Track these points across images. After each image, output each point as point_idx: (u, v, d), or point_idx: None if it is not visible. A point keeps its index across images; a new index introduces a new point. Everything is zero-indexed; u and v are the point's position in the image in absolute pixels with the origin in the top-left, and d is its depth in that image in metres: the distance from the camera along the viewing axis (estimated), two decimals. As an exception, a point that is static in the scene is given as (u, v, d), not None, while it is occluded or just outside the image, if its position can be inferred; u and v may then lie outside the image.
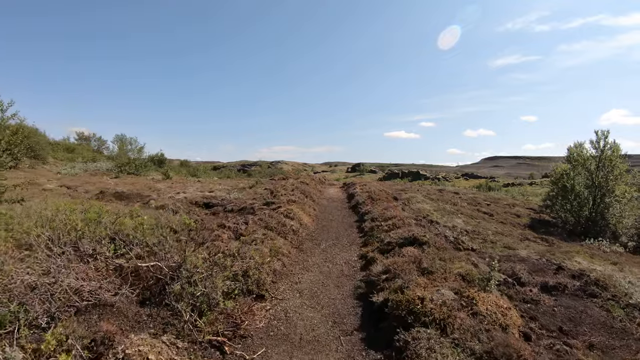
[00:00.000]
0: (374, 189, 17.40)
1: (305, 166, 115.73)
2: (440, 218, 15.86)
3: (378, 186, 19.29)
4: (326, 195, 18.45)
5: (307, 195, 15.28)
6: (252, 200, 14.67)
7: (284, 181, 21.14)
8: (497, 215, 19.30)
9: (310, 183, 18.43)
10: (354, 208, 14.34)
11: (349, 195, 17.70)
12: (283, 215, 11.00)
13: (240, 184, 19.31)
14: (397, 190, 21.75)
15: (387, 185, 24.17)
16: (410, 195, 19.24)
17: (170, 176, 22.98)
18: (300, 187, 16.49)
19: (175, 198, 16.32)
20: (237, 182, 20.95)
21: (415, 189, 22.79)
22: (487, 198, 24.09)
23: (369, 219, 11.22)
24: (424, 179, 75.91)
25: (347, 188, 20.54)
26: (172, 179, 22.62)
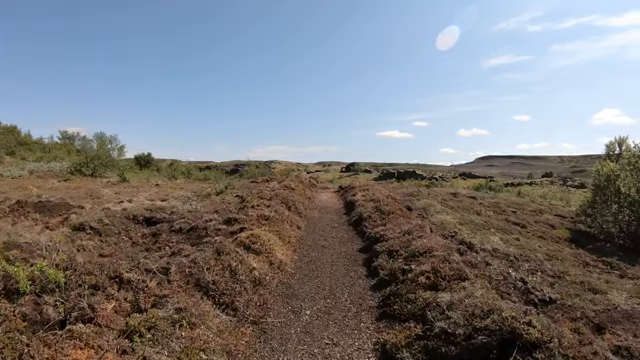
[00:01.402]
0: (379, 196, 12.96)
1: (299, 166, 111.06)
2: (472, 236, 11.40)
3: (383, 191, 14.85)
4: (317, 203, 13.91)
5: (289, 207, 10.70)
6: (212, 215, 10.05)
7: (266, 184, 16.60)
8: (530, 227, 14.98)
9: (296, 188, 13.81)
10: (355, 225, 9.79)
11: (348, 203, 13.16)
12: (243, 246, 6.42)
13: (208, 189, 14.63)
14: (404, 195, 17.23)
15: (390, 188, 19.64)
16: (425, 202, 14.74)
17: (127, 179, 18.23)
18: (282, 193, 11.87)
19: (111, 210, 11.64)
20: (207, 185, 16.26)
21: (425, 193, 18.28)
22: (510, 203, 19.59)
23: (385, 252, 6.62)
24: (420, 179, 71.66)
25: (344, 193, 15.97)
26: (129, 182, 17.93)
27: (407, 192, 18.19)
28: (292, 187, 13.58)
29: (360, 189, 14.66)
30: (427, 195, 17.80)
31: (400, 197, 16.07)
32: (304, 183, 16.65)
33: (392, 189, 19.67)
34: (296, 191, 13.35)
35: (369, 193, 13.36)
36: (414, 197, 16.52)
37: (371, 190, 14.12)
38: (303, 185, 15.50)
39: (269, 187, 13.87)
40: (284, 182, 15.47)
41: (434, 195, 18.13)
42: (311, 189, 17.22)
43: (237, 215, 8.96)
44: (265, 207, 9.66)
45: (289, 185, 13.78)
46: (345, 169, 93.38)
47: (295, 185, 14.02)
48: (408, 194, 17.67)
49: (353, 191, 14.85)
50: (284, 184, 14.24)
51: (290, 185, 13.71)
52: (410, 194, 17.82)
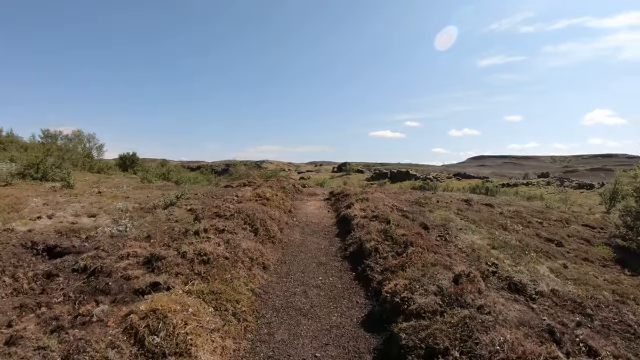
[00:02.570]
0: (383, 208, 9.55)
1: (291, 166, 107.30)
2: (516, 267, 8.19)
3: (386, 200, 11.45)
4: (302, 217, 10.39)
5: (256, 229, 7.12)
6: (136, 247, 6.44)
7: (241, 190, 13.06)
8: (567, 244, 11.84)
9: (273, 198, 10.18)
10: (354, 261, 6.23)
11: (341, 218, 9.65)
12: (132, 341, 2.95)
13: (156, 199, 10.95)
14: (411, 204, 13.78)
15: (391, 194, 16.19)
16: (441, 215, 11.30)
17: (72, 184, 14.43)
18: (249, 208, 8.27)
19: (9, 232, 8.01)
20: (161, 193, 12.55)
21: (434, 201, 14.85)
22: (532, 212, 16.22)
23: (420, 355, 3.17)
24: (414, 179, 68.65)
25: (336, 202, 12.43)
26: (73, 188, 14.17)
27: (413, 200, 14.74)
28: (267, 197, 9.97)
29: (357, 198, 11.14)
30: (437, 203, 14.38)
31: (407, 207, 12.62)
32: (286, 189, 13.05)
33: (394, 195, 16.20)
34: (272, 202, 9.76)
35: (370, 205, 9.85)
36: (424, 207, 13.07)
37: (372, 201, 10.63)
38: (284, 193, 11.90)
39: (237, 197, 10.27)
40: (260, 187, 11.87)
41: (446, 203, 14.72)
42: (295, 196, 13.67)
43: (166, 252, 5.41)
44: (215, 235, 6.12)
45: (263, 194, 10.18)
46: (337, 169, 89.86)
47: (272, 194, 10.42)
48: (415, 202, 14.23)
49: (347, 200, 11.36)
50: (258, 192, 10.63)
51: (265, 194, 10.10)
52: (417, 201, 14.37)
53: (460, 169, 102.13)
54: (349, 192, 12.67)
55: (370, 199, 10.88)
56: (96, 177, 20.48)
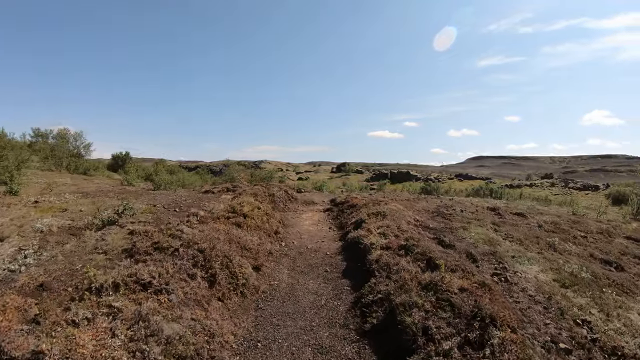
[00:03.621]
0: (405, 226, 6.68)
1: (289, 166, 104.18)
2: (605, 318, 5.12)
3: (407, 215, 8.52)
4: (294, 239, 7.44)
5: (213, 276, 4.22)
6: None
7: (223, 196, 10.15)
8: (624, 264, 9.04)
9: (252, 214, 7.12)
10: (380, 344, 3.37)
11: (350, 244, 6.70)
12: None
13: (104, 211, 7.97)
14: (432, 215, 10.85)
15: (403, 200, 13.25)
16: (478, 234, 8.40)
17: (17, 191, 11.40)
18: (211, 236, 5.31)
19: None
20: (120, 201, 9.56)
21: (458, 210, 11.94)
22: (567, 221, 13.24)
23: None
24: (415, 180, 65.73)
25: (341, 214, 9.47)
26: (17, 194, 11.18)
27: (433, 209, 11.79)
28: (245, 213, 7.00)
29: (368, 212, 8.17)
30: (463, 214, 11.46)
31: (432, 222, 9.67)
32: (275, 197, 10.10)
33: (408, 203, 13.25)
34: (251, 220, 6.78)
35: (389, 224, 6.88)
36: (451, 220, 10.13)
37: (390, 216, 7.68)
38: (271, 203, 8.95)
39: (202, 213, 7.28)
40: (241, 196, 8.91)
41: (471, 213, 11.79)
42: (288, 206, 10.70)
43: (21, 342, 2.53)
44: (129, 297, 3.22)
45: (240, 207, 7.21)
46: (335, 169, 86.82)
47: (253, 207, 7.43)
48: (436, 213, 11.29)
49: (356, 214, 8.45)
50: (234, 204, 7.66)
51: (243, 209, 7.13)
52: (439, 212, 11.41)
53: (459, 169, 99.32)
54: (356, 202, 9.71)
55: (388, 213, 7.95)
56: (71, 180, 17.61)
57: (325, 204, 11.54)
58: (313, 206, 11.25)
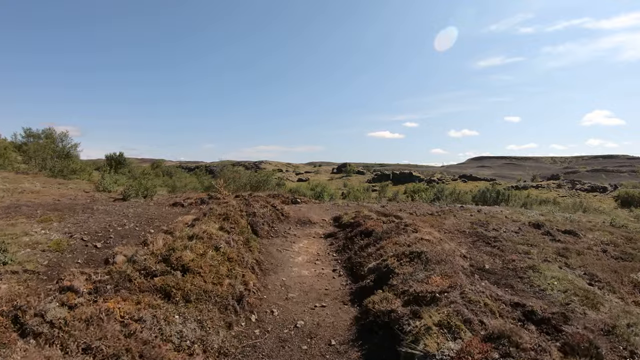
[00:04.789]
0: (473, 295, 3.64)
1: (289, 166, 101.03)
2: None
3: (448, 246, 5.43)
4: (276, 303, 4.22)
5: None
6: None
7: (195, 210, 6.98)
8: None
9: (200, 265, 3.98)
10: None
11: (374, 323, 3.56)
12: None
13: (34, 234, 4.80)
14: (473, 241, 7.63)
15: (433, 220, 10.01)
16: (559, 281, 5.21)
17: None
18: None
19: None
20: (18, 229, 6.39)
21: (502, 232, 8.74)
22: (626, 240, 9.94)
23: None
24: (417, 181, 62.49)
25: (351, 247, 6.22)
26: None
27: (470, 230, 8.55)
28: (187, 265, 3.80)
29: (395, 250, 4.95)
30: (506, 235, 8.25)
31: (480, 254, 6.46)
32: (256, 218, 6.87)
33: (434, 220, 10.01)
34: (193, 283, 3.58)
35: (444, 287, 3.68)
36: (502, 249, 6.92)
37: (434, 260, 4.48)
38: (244, 234, 5.71)
39: (109, 271, 4.05)
40: (200, 223, 5.69)
41: (518, 234, 8.60)
42: (275, 228, 7.46)
43: None
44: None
45: (178, 255, 4.01)
46: (336, 170, 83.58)
47: (200, 256, 4.16)
48: (476, 235, 8.04)
49: (374, 250, 5.21)
50: (176, 244, 4.44)
51: (183, 259, 3.93)
52: (480, 234, 8.16)
53: (460, 169, 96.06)
54: (371, 227, 6.43)
55: (428, 254, 4.73)
56: (41, 185, 14.60)
57: (327, 224, 8.27)
58: (310, 227, 7.98)
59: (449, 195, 31.45)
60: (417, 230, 6.37)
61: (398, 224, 6.63)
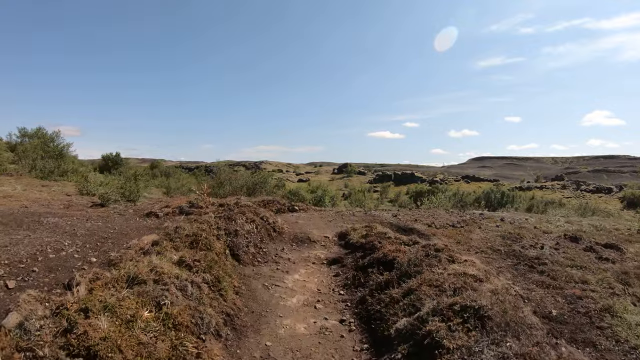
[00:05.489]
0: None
1: (290, 166, 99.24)
2: None
3: (483, 268, 3.78)
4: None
5: None
6: None
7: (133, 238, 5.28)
8: None
9: (121, 344, 2.29)
10: None
11: None
12: None
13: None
14: (513, 264, 5.84)
15: (456, 233, 8.24)
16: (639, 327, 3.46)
17: None
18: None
19: None
20: None
21: (538, 248, 6.99)
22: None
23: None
24: (419, 182, 60.64)
25: (365, 283, 4.46)
26: None
27: (503, 246, 6.78)
28: (93, 348, 2.10)
29: (439, 302, 3.23)
30: (546, 254, 6.49)
31: (526, 283, 4.71)
32: (238, 239, 5.11)
33: (458, 233, 8.23)
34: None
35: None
36: (552, 276, 5.15)
37: (495, 321, 2.76)
38: (220, 267, 3.94)
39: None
40: (152, 257, 3.93)
41: (558, 251, 6.83)
42: (264, 249, 5.70)
43: None
44: None
45: (85, 330, 2.29)
46: (337, 170, 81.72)
47: (127, 318, 2.49)
48: (514, 254, 6.26)
49: (400, 294, 3.57)
50: (93, 303, 2.69)
51: (88, 340, 2.22)
52: (516, 253, 6.38)
53: (461, 170, 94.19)
54: (391, 254, 4.65)
55: (486, 309, 3.01)
56: (21, 187, 13.01)
57: (330, 242, 6.47)
58: (309, 248, 6.18)
59: (452, 197, 29.48)
60: (454, 258, 4.61)
61: (426, 248, 4.84)
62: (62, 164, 20.19)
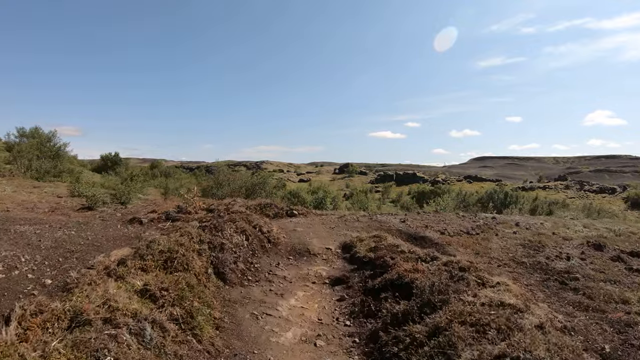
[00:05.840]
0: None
1: (290, 166, 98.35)
2: None
3: (519, 292, 2.97)
4: None
5: None
6: None
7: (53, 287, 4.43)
8: None
9: None
10: None
11: None
12: None
13: None
14: (541, 280, 4.97)
15: (471, 241, 7.38)
16: None
17: None
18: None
19: None
20: None
21: (564, 257, 6.13)
22: None
23: None
24: (421, 182, 59.69)
25: (377, 314, 3.62)
26: None
27: (527, 257, 5.91)
28: None
29: (476, 353, 2.41)
30: (573, 265, 5.59)
31: (559, 303, 3.86)
32: (225, 254, 4.26)
33: (474, 241, 7.37)
34: None
35: None
36: (588, 295, 4.29)
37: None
38: (202, 287, 3.10)
39: None
40: (110, 283, 3.08)
41: (585, 262, 5.94)
42: (256, 266, 4.85)
43: None
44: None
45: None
46: (338, 170, 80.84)
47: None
48: (540, 268, 5.38)
49: (444, 351, 2.77)
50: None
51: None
52: (542, 265, 5.51)
53: (462, 169, 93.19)
54: (409, 276, 3.79)
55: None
56: (10, 188, 12.41)
57: (333, 255, 5.59)
58: (308, 263, 5.31)
59: (456, 197, 28.39)
60: (483, 280, 3.75)
61: (449, 267, 3.98)
62: (59, 164, 19.43)
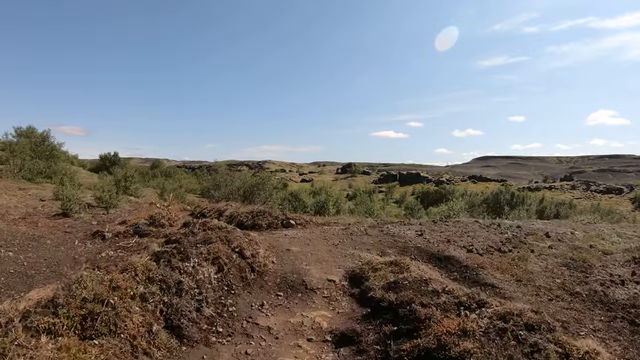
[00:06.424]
0: None
1: (293, 166, 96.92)
2: None
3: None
4: None
5: None
6: None
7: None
8: None
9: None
10: None
11: None
12: None
13: None
14: (592, 304, 3.62)
15: (507, 263, 5.95)
16: None
17: None
18: None
19: None
20: None
21: (618, 282, 4.75)
22: None
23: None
24: (425, 182, 58.02)
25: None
26: None
27: (583, 286, 4.49)
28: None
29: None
30: (624, 284, 4.06)
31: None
32: (182, 297, 2.88)
33: (511, 263, 5.92)
34: None
35: None
36: None
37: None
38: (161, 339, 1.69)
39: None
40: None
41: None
42: (231, 306, 3.49)
43: None
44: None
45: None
46: (341, 170, 79.29)
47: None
48: (604, 301, 3.99)
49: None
50: None
51: None
52: (609, 300, 4.10)
53: (465, 169, 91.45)
54: (456, 345, 2.42)
55: None
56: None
57: (337, 290, 4.15)
58: (303, 305, 3.86)
59: (460, 197, 26.71)
60: (566, 349, 2.37)
61: (509, 322, 2.59)
62: (53, 164, 18.31)
